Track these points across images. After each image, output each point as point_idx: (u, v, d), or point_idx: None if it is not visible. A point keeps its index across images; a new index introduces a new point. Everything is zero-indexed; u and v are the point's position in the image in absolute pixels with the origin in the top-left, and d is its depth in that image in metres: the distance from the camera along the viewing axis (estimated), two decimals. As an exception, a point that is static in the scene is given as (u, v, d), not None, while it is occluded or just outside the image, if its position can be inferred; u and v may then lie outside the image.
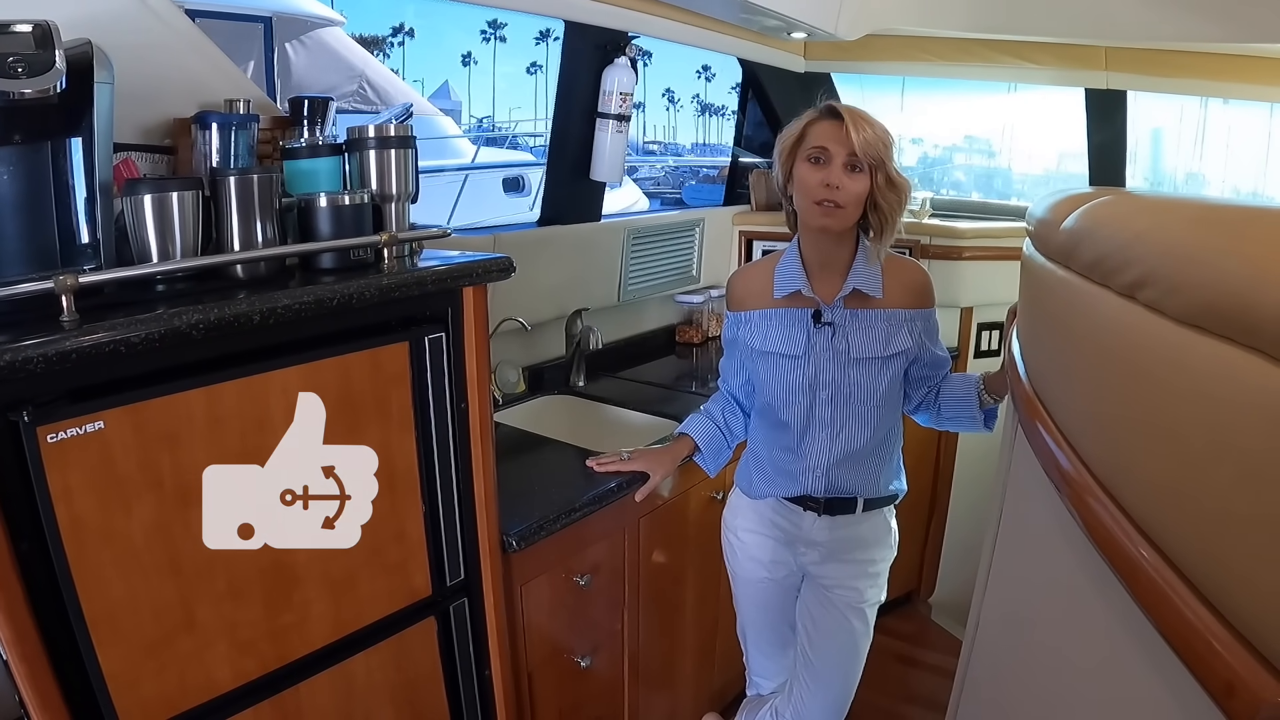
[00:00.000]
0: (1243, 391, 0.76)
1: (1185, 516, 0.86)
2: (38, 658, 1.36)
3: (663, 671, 2.91)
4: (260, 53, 6.49)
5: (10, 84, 1.32)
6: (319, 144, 1.85)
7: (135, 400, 1.39)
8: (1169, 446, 0.90)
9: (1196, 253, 0.87)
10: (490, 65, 56.53)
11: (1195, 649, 0.79)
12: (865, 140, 1.99)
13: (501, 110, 50.16)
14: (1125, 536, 0.93)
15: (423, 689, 1.98)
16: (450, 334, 1.84)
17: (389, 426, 1.75)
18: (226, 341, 1.50)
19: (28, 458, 1.29)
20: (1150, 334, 0.91)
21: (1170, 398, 0.89)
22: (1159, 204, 1.11)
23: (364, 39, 46.57)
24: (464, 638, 2.04)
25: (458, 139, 11.67)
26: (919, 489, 3.91)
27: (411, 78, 53.43)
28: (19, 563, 1.32)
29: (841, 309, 2.15)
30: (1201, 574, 0.82)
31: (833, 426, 2.19)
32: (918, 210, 4.07)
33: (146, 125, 1.83)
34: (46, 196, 1.49)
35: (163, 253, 1.54)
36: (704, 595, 2.94)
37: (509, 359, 3.17)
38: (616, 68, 3.13)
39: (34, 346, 1.27)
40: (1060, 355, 1.28)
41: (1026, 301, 1.51)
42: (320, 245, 1.71)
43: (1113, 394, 1.05)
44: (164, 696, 1.52)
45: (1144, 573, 0.89)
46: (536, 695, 2.37)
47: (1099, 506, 1.01)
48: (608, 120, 3.18)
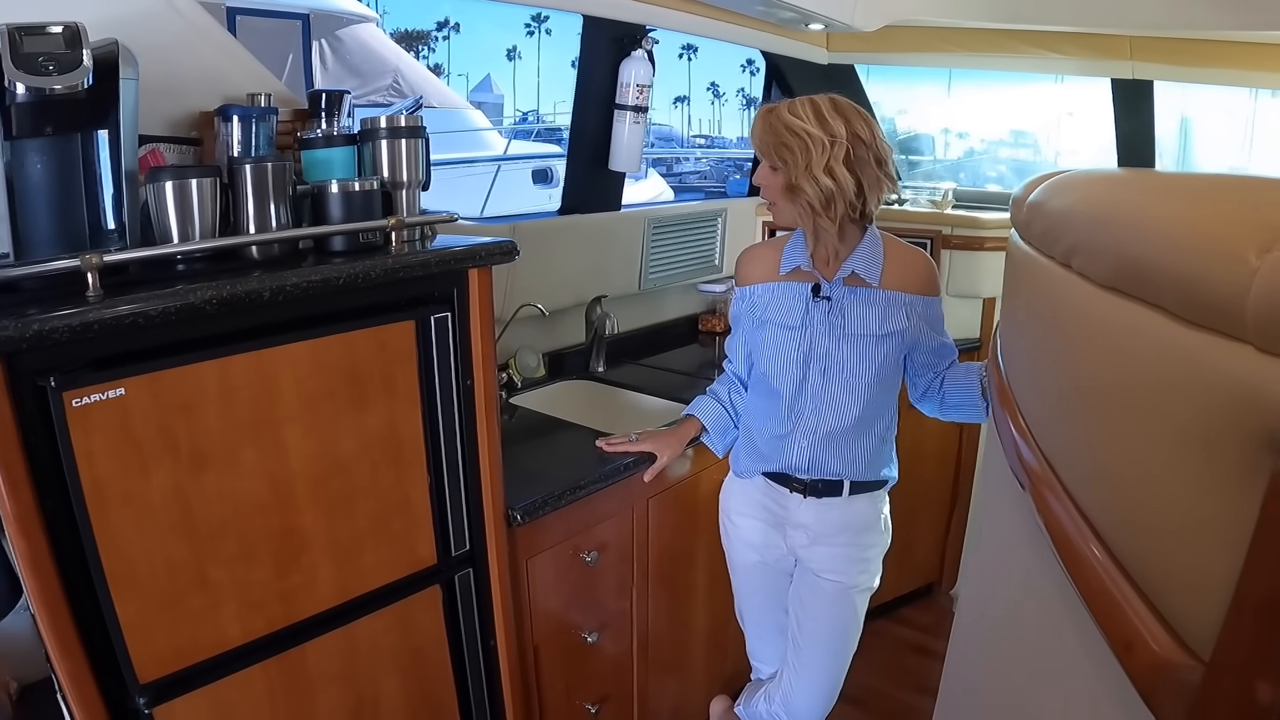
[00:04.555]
0: (1148, 347, 0.81)
1: (1104, 481, 0.91)
2: (60, 607, 1.47)
3: (673, 653, 2.96)
4: (299, 47, 6.61)
5: (42, 81, 1.43)
6: (334, 135, 1.95)
7: (154, 369, 1.49)
8: (1093, 410, 0.94)
9: (1110, 219, 0.93)
10: (535, 59, 56.71)
11: (1105, 607, 0.84)
12: (756, 139, 2.19)
13: (546, 104, 50.27)
14: (1066, 513, 0.97)
15: (427, 656, 2.06)
16: (456, 314, 1.92)
17: (395, 401, 1.84)
18: (239, 317, 1.59)
19: (54, 420, 1.39)
20: (1080, 299, 0.96)
21: (1094, 360, 0.93)
22: (1097, 177, 1.16)
23: (409, 34, 46.80)
24: (469, 608, 2.12)
25: (488, 132, 11.79)
26: (941, 480, 3.94)
27: (456, 71, 53.59)
28: (45, 519, 1.43)
29: (840, 286, 2.22)
30: (1117, 537, 0.86)
31: (822, 399, 2.24)
32: (940, 201, 4.10)
33: (173, 118, 1.93)
34: (76, 184, 1.60)
35: (182, 235, 1.64)
36: (716, 579, 2.95)
37: (529, 344, 3.24)
38: (634, 60, 3.19)
39: (61, 318, 1.38)
40: (1022, 331, 1.33)
41: (1005, 283, 1.54)
42: (328, 229, 1.81)
43: (1052, 361, 1.10)
44: (177, 649, 1.62)
45: (1068, 537, 0.94)
46: (543, 669, 2.44)
47: (1052, 496, 1.03)
48: (625, 112, 3.24)
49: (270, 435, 1.66)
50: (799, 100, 2.13)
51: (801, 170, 2.07)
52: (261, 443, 1.65)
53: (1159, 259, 0.79)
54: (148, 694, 1.60)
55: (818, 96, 2.14)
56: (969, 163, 7.64)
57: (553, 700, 2.51)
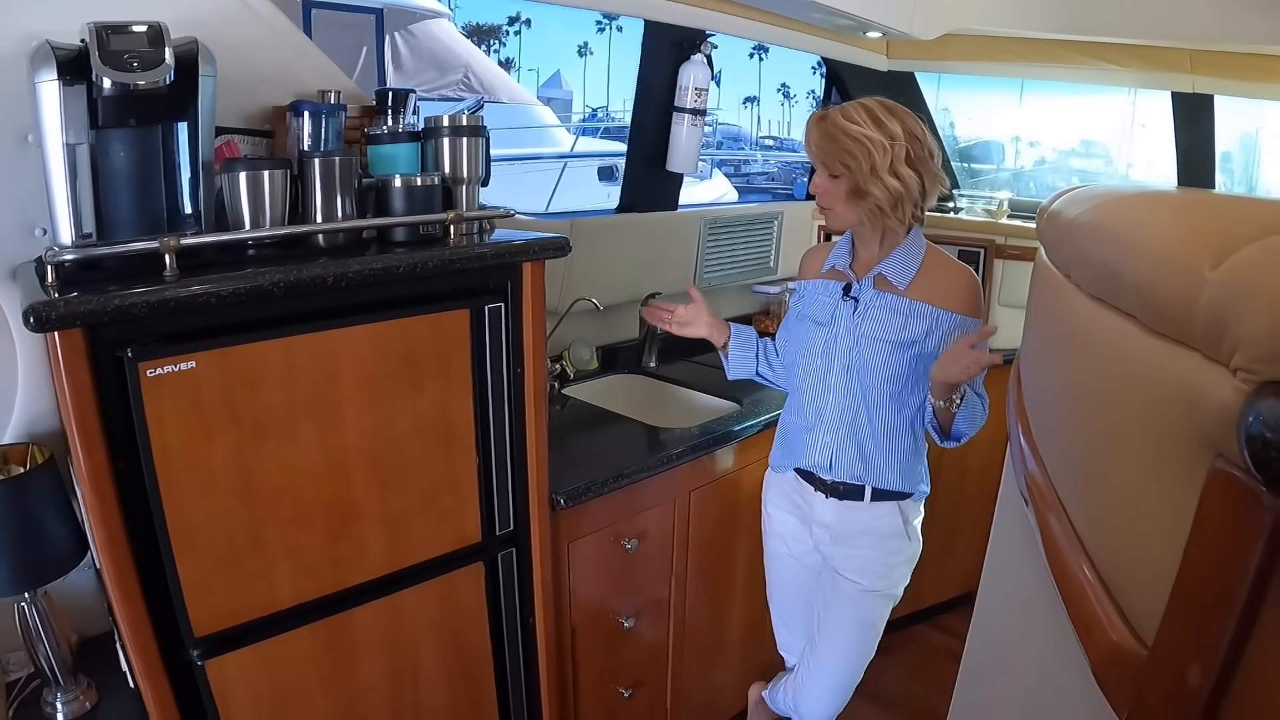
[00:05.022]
0: (1119, 353, 0.87)
1: (1079, 479, 0.97)
2: (125, 561, 1.59)
3: (708, 644, 3.01)
4: (372, 41, 6.73)
5: (127, 76, 1.54)
6: (399, 131, 2.05)
7: (223, 345, 1.61)
8: (1073, 411, 1.00)
9: (1099, 232, 0.99)
10: (605, 56, 56.64)
11: (1073, 594, 0.90)
12: (813, 147, 2.18)
13: (615, 101, 50.29)
14: (1053, 511, 1.03)
15: (468, 629, 2.16)
16: (509, 305, 2.01)
17: (449, 384, 1.94)
18: (304, 300, 1.71)
19: (129, 389, 1.51)
20: (1074, 308, 1.01)
21: (1077, 364, 0.99)
22: (1105, 192, 1.20)
23: (480, 28, 46.97)
24: (510, 585, 2.20)
25: (555, 129, 11.87)
26: (984, 491, 3.91)
27: (527, 66, 53.78)
28: (116, 479, 1.55)
29: (870, 289, 2.24)
30: (1089, 532, 0.92)
31: (844, 398, 2.27)
32: (995, 210, 4.12)
33: (248, 112, 2.05)
34: (156, 172, 1.72)
35: (254, 222, 1.75)
36: (754, 573, 2.98)
37: (583, 337, 3.34)
38: (693, 64, 3.25)
39: (140, 295, 1.50)
40: (1035, 341, 1.38)
41: (1029, 294, 1.58)
42: (390, 220, 1.91)
43: (1050, 366, 1.16)
44: (231, 607, 1.74)
45: (1053, 535, 1.00)
46: (579, 649, 2.52)
47: (1044, 496, 1.08)
48: (683, 114, 3.31)
49: (329, 411, 1.76)
50: (850, 105, 2.15)
51: (867, 174, 2.09)
52: (320, 418, 1.75)
53: (1130, 270, 0.85)
54: (201, 647, 1.72)
55: (867, 100, 2.16)
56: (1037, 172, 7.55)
57: (587, 682, 2.59)
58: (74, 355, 1.47)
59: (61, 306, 1.43)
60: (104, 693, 2.03)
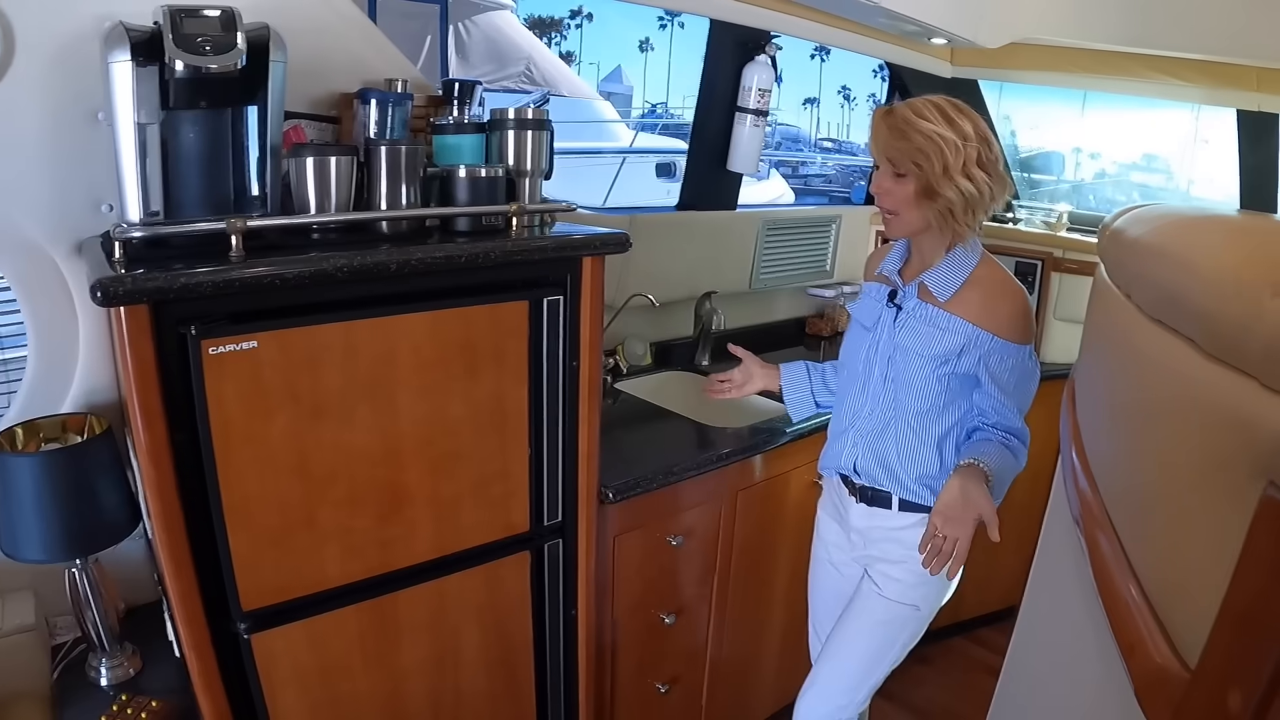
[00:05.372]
0: (1175, 375, 0.86)
1: (1129, 496, 0.97)
2: (179, 532, 1.62)
3: (747, 643, 3.01)
4: (436, 30, 6.78)
5: (199, 60, 1.57)
6: (464, 122, 2.07)
7: (285, 327, 1.63)
8: (1124, 429, 1.00)
9: (1161, 253, 0.98)
10: (666, 52, 56.67)
11: (1117, 611, 0.90)
12: (880, 144, 2.06)
13: (675, 97, 50.22)
14: (1101, 528, 1.02)
15: (511, 616, 2.18)
16: (568, 298, 2.02)
17: (504, 374, 1.95)
18: (366, 285, 1.73)
19: (191, 365, 1.55)
20: (1132, 328, 1.01)
21: (1132, 384, 0.99)
22: (1168, 213, 1.19)
23: (542, 20, 47.08)
24: (555, 576, 2.22)
25: (615, 123, 11.90)
26: (1030, 507, 3.87)
27: (588, 60, 53.87)
28: (174, 451, 1.58)
29: (914, 298, 2.13)
30: (1137, 551, 0.92)
31: (878, 403, 2.19)
32: (1054, 223, 4.07)
33: (315, 97, 2.08)
34: (225, 154, 1.76)
35: (319, 206, 1.79)
36: (795, 577, 2.97)
37: (638, 333, 3.35)
38: (756, 65, 3.25)
39: (206, 274, 1.53)
40: (1091, 358, 1.37)
41: (1087, 310, 1.57)
42: (454, 210, 1.94)
43: (1104, 383, 1.15)
44: (280, 583, 1.77)
45: (1101, 553, 0.99)
46: (619, 642, 2.53)
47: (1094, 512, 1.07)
48: (746, 114, 3.31)
49: (385, 395, 1.79)
50: (918, 101, 2.03)
51: (939, 175, 1.97)
52: (377, 401, 1.78)
53: (1190, 294, 0.84)
54: (248, 621, 1.75)
55: (934, 97, 2.03)
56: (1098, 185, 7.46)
57: (625, 675, 2.60)
58: (139, 331, 1.50)
59: (129, 283, 1.47)
60: (147, 660, 2.08)
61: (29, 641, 2.01)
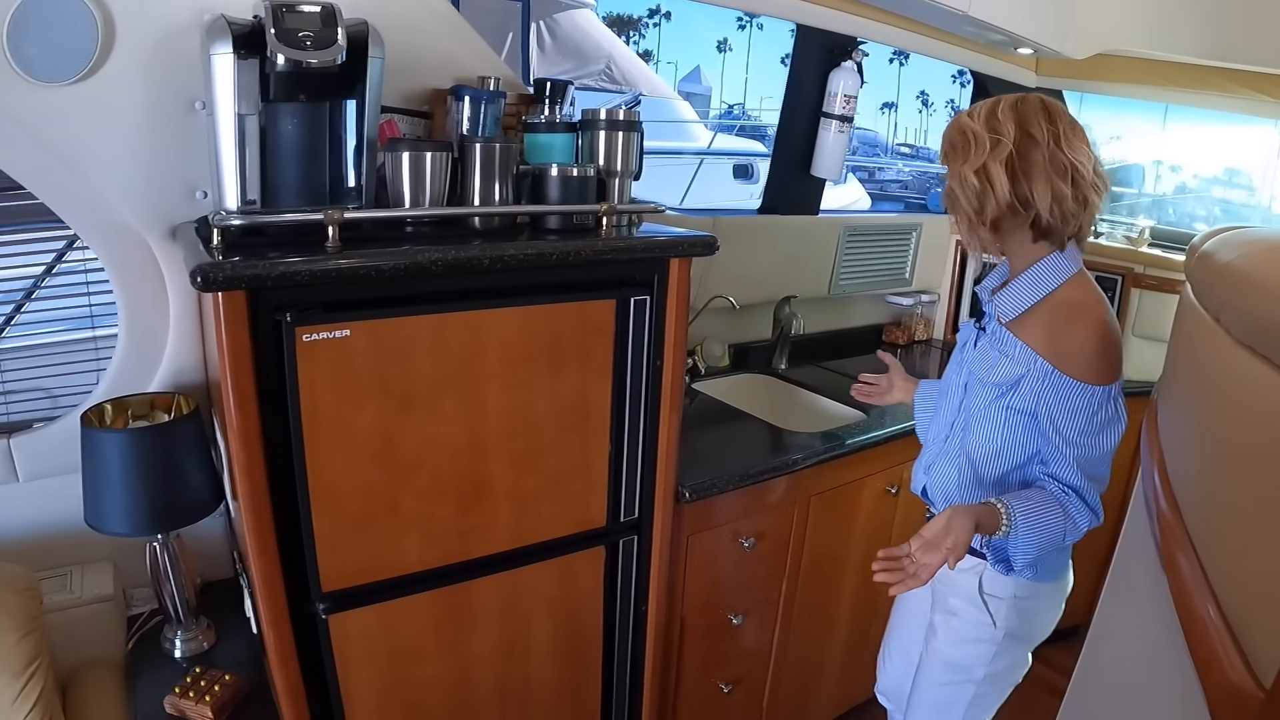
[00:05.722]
0: (1261, 403, 0.86)
1: (1208, 514, 0.97)
2: (265, 512, 1.67)
3: (812, 648, 3.01)
4: (518, 27, 6.82)
5: (299, 54, 1.62)
6: (556, 121, 2.09)
7: (377, 317, 1.67)
8: (1214, 454, 1.00)
9: (1254, 278, 0.98)
10: (745, 53, 56.49)
11: (1194, 628, 0.90)
12: None
13: (753, 98, 50.08)
14: (1180, 546, 1.02)
15: (582, 610, 2.21)
16: (654, 298, 2.04)
17: (589, 371, 1.98)
18: (458, 279, 1.76)
19: (284, 351, 1.59)
20: (1219, 352, 1.01)
21: (1218, 408, 0.99)
22: (1263, 237, 1.18)
23: (620, 19, 47.13)
24: (628, 572, 2.24)
25: (694, 124, 11.89)
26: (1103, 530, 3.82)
27: (665, 59, 53.84)
28: (264, 434, 1.62)
29: (993, 318, 1.97)
30: (1215, 570, 0.92)
31: (947, 429, 2.08)
32: (1135, 238, 4.00)
33: (409, 93, 2.13)
34: (322, 146, 1.81)
35: (414, 200, 1.82)
36: (865, 584, 2.91)
37: (716, 334, 3.36)
38: (842, 71, 3.24)
39: (303, 263, 1.58)
40: (1175, 380, 1.37)
41: (1172, 331, 1.54)
42: (546, 208, 1.96)
43: (1189, 407, 1.15)
44: (360, 566, 1.81)
45: (1180, 572, 0.99)
46: (686, 641, 2.54)
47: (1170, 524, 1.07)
48: (831, 120, 3.30)
49: (472, 388, 1.81)
50: (987, 100, 1.90)
51: (955, 173, 1.85)
52: (463, 393, 1.81)
53: None
54: (327, 602, 1.79)
55: (1010, 95, 1.89)
56: (1179, 199, 7.34)
57: (690, 673, 2.61)
58: (235, 316, 1.54)
59: (228, 269, 1.51)
60: (221, 635, 2.16)
61: (106, 611, 2.08)
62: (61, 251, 2.14)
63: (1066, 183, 1.79)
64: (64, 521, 2.09)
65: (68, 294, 2.16)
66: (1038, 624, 2.17)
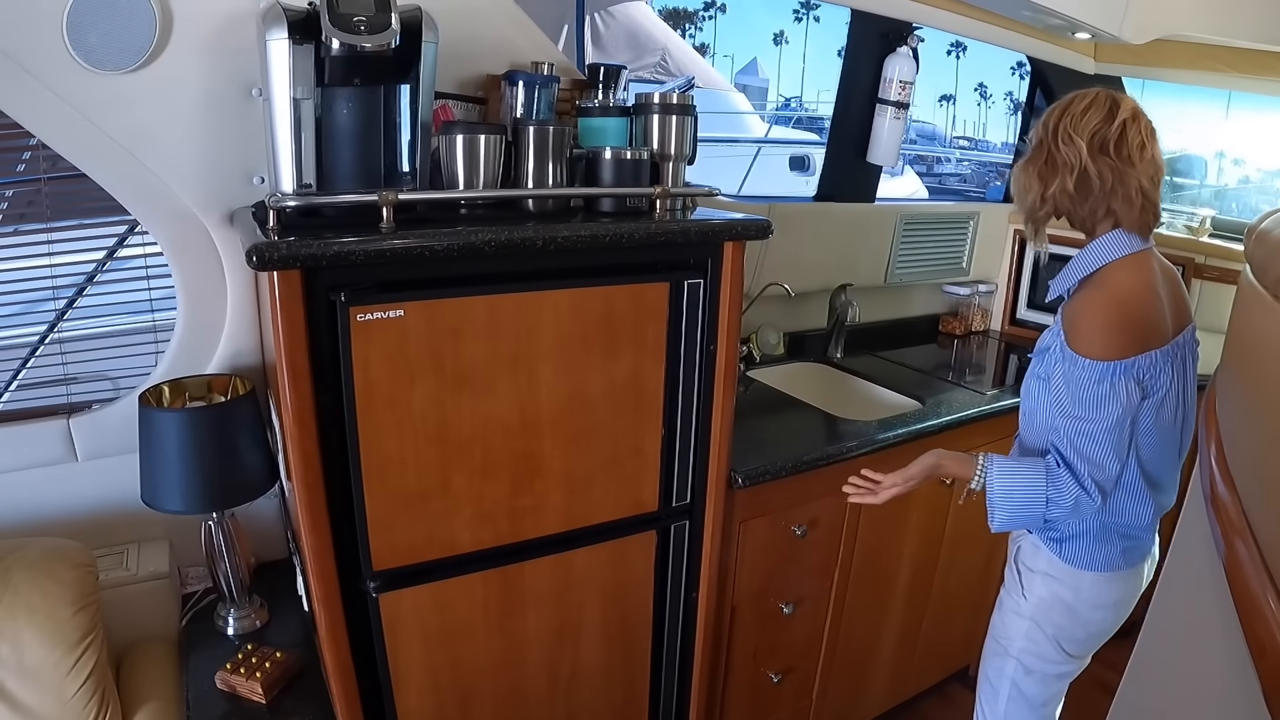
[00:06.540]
0: None
1: (1273, 502, 0.95)
2: (318, 489, 1.69)
3: (864, 640, 2.99)
4: (574, 19, 6.84)
5: (354, 38, 1.63)
6: (610, 105, 2.10)
7: (431, 297, 1.68)
8: (1269, 429, 0.98)
9: None
10: (801, 45, 56.16)
11: (1249, 611, 0.89)
12: None
13: (810, 91, 49.81)
14: (1242, 540, 1.00)
15: (633, 594, 2.21)
16: (709, 282, 2.03)
17: (643, 354, 1.97)
18: (512, 260, 1.77)
19: (339, 330, 1.60)
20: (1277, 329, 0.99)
21: (1277, 383, 0.97)
22: None
23: (677, 12, 47.05)
24: (679, 557, 2.24)
25: (749, 115, 11.85)
26: None
27: (722, 52, 53.68)
28: (318, 411, 1.64)
29: None
30: (1274, 557, 0.91)
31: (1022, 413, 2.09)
32: (1196, 228, 3.95)
33: (463, 78, 2.15)
34: (377, 130, 1.83)
35: (468, 183, 1.83)
36: (919, 575, 3.00)
37: (772, 322, 3.34)
38: (898, 57, 3.22)
39: (358, 243, 1.59)
40: (1236, 361, 1.34)
41: (1231, 314, 1.53)
42: (599, 190, 1.97)
43: (1249, 386, 1.13)
44: (411, 545, 1.82)
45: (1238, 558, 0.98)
46: (736, 629, 2.53)
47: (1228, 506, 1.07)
48: (887, 106, 3.28)
49: (526, 368, 1.82)
50: None
51: None
52: (517, 374, 1.81)
53: None
54: (378, 580, 1.81)
55: (1081, 91, 1.94)
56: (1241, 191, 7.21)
57: (739, 661, 2.60)
58: (290, 295, 1.56)
59: (284, 249, 1.52)
60: (274, 614, 2.20)
61: (161, 588, 2.13)
62: (123, 236, 2.17)
63: (1087, 187, 1.86)
64: (122, 500, 2.13)
65: (128, 280, 2.19)
66: (1074, 622, 2.07)
